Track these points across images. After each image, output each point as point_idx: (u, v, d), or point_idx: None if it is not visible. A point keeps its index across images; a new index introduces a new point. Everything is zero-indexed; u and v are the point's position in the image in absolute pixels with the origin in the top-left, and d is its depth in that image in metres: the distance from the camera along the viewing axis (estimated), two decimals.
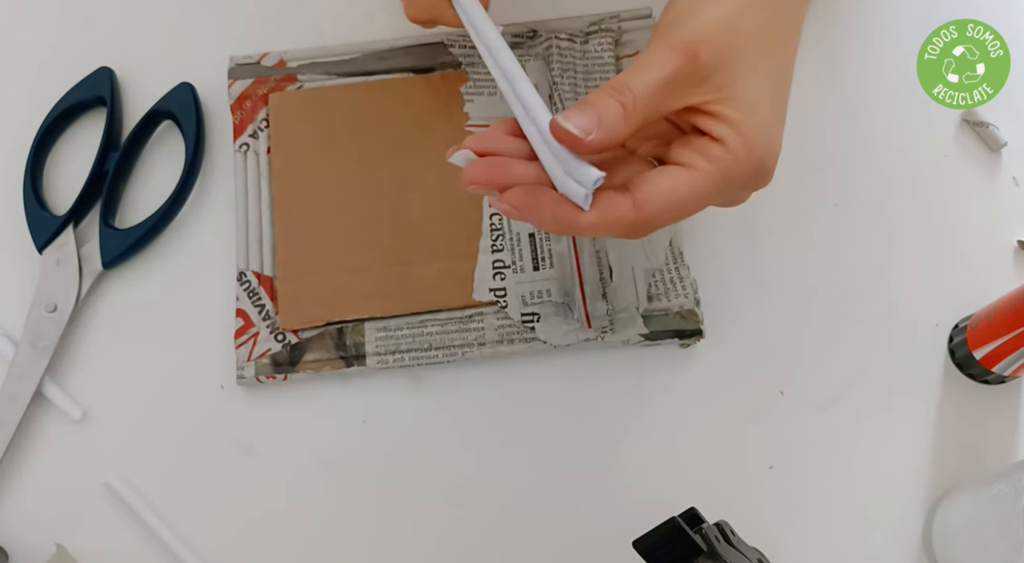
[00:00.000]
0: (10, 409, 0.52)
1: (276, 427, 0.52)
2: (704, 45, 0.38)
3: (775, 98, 0.40)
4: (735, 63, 0.39)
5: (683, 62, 0.38)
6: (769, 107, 0.39)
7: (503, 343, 0.52)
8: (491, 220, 0.54)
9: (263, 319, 0.53)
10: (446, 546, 0.50)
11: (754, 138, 0.38)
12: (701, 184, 0.38)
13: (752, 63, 0.39)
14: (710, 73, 0.38)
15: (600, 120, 0.37)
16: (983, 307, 0.51)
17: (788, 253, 0.54)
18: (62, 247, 0.54)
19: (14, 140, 0.56)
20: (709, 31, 0.38)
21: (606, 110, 0.38)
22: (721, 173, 0.38)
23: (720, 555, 0.41)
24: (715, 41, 0.38)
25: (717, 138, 0.39)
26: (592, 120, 0.37)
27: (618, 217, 0.38)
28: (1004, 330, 0.48)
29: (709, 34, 0.38)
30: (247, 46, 0.58)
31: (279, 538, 0.51)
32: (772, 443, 0.52)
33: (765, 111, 0.39)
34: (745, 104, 0.39)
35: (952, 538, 0.48)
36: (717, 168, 0.38)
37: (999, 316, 0.49)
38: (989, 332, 0.49)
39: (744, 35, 0.39)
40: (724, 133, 0.38)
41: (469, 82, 0.56)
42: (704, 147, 0.39)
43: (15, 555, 0.50)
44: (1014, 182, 0.56)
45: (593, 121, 0.37)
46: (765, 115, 0.39)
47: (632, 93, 0.38)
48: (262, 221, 0.54)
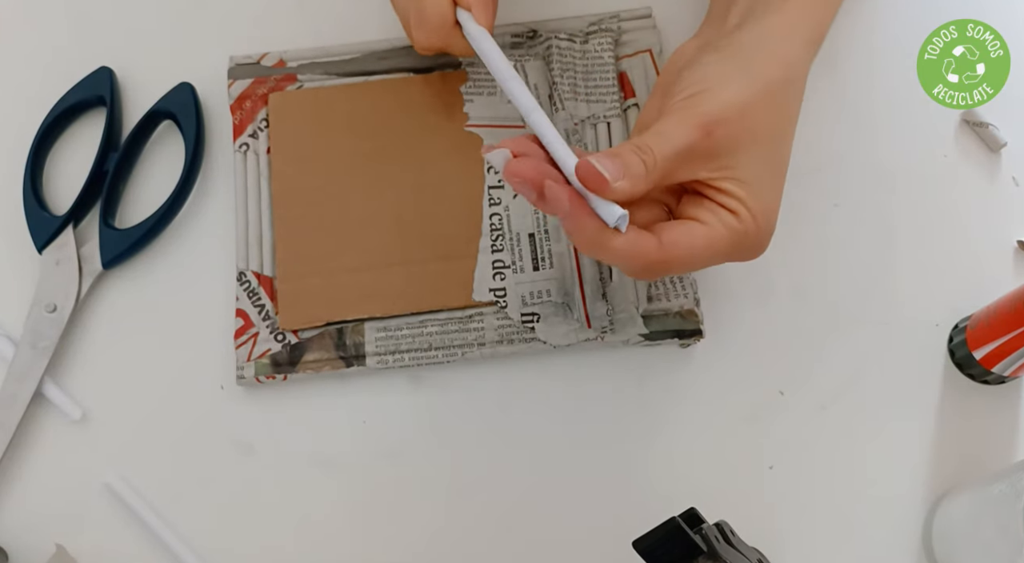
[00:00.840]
0: (10, 409, 0.52)
1: (276, 427, 0.52)
2: (720, 126, 0.42)
3: (774, 183, 0.44)
4: (745, 147, 0.42)
5: (699, 138, 0.41)
6: (770, 190, 0.43)
7: (503, 343, 0.52)
8: (491, 220, 0.54)
9: (263, 319, 0.53)
10: (446, 546, 0.50)
11: (760, 216, 0.42)
12: (717, 243, 0.42)
13: (758, 149, 0.43)
14: (720, 152, 0.42)
15: (627, 171, 0.40)
16: (983, 307, 0.51)
17: (788, 253, 0.54)
18: (62, 247, 0.54)
19: (14, 140, 0.56)
20: (727, 114, 0.42)
21: (632, 164, 0.41)
22: (735, 239, 0.42)
23: (720, 555, 0.41)
24: (731, 124, 0.42)
25: (731, 210, 0.42)
26: (620, 169, 0.40)
27: (644, 250, 0.41)
28: (1004, 330, 0.48)
29: (726, 117, 0.42)
30: (247, 46, 0.58)
31: (279, 538, 0.51)
32: (772, 443, 0.52)
33: (767, 194, 0.43)
34: (749, 186, 0.42)
35: (952, 538, 0.48)
36: (731, 234, 0.42)
37: (999, 316, 0.49)
38: (989, 332, 0.49)
39: (754, 122, 0.43)
40: (736, 207, 0.42)
41: (469, 82, 0.56)
42: (716, 211, 0.42)
43: (15, 555, 0.50)
44: (1014, 182, 0.56)
45: (621, 170, 0.40)
46: (768, 198, 0.43)
47: (653, 155, 0.41)
48: (262, 221, 0.54)
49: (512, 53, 0.57)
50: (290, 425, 0.52)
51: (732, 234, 0.42)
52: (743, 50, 0.45)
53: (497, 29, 0.57)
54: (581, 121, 0.55)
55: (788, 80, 0.44)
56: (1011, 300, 0.48)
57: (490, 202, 0.54)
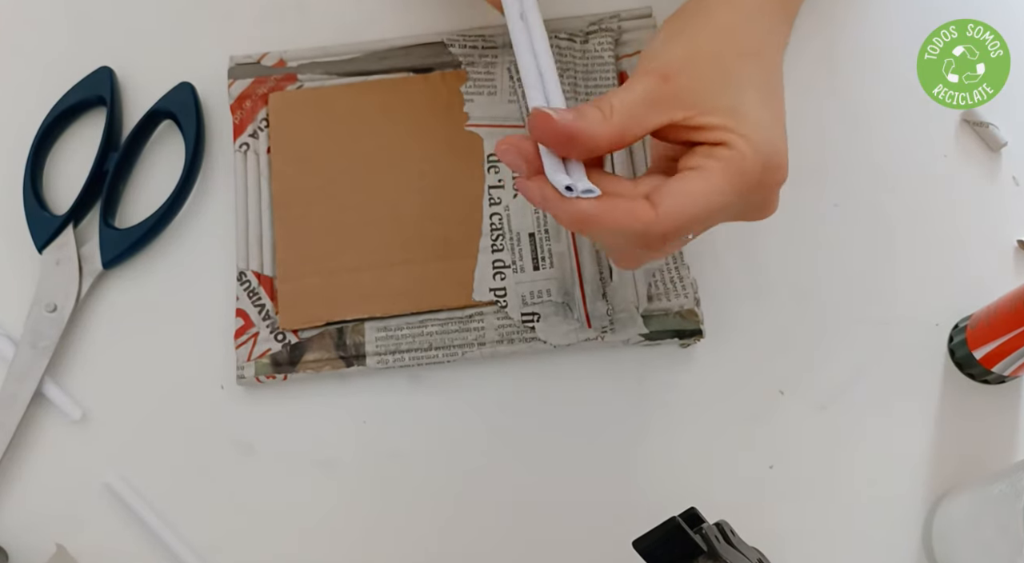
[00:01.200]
0: (10, 409, 0.52)
1: (276, 427, 0.52)
2: (674, 68, 0.41)
3: (765, 100, 0.42)
4: (715, 81, 0.41)
5: (656, 83, 0.41)
6: (759, 109, 0.41)
7: (503, 343, 0.52)
8: (491, 220, 0.54)
9: (263, 319, 0.53)
10: (446, 546, 0.50)
11: (752, 133, 0.40)
12: (712, 179, 0.40)
13: (732, 79, 0.41)
14: (687, 92, 0.41)
15: (580, 115, 0.39)
16: (983, 307, 0.51)
17: (788, 253, 0.54)
18: (62, 247, 0.54)
19: (14, 140, 0.56)
20: (677, 56, 0.42)
21: (588, 110, 0.40)
22: (730, 167, 0.40)
23: (720, 555, 0.41)
24: (687, 65, 0.41)
25: (719, 142, 0.40)
26: (572, 113, 0.39)
27: (632, 209, 0.39)
28: (1004, 330, 0.48)
29: (677, 59, 0.41)
30: (247, 46, 0.58)
31: (279, 538, 0.51)
32: (772, 443, 0.52)
33: (756, 113, 0.41)
34: (732, 110, 0.40)
35: (952, 538, 0.48)
36: (726, 164, 0.40)
37: (999, 316, 0.49)
38: (989, 332, 0.49)
39: (714, 58, 0.42)
40: (721, 136, 0.40)
41: (469, 82, 0.56)
42: (710, 150, 0.40)
43: (15, 555, 0.50)
44: (1014, 182, 0.56)
45: (572, 113, 0.39)
46: (758, 115, 0.41)
47: (610, 103, 0.40)
48: (262, 221, 0.54)
49: (512, 53, 0.56)
50: (290, 425, 0.52)
51: (728, 166, 0.40)
52: (686, 13, 0.44)
53: (497, 29, 0.57)
54: None
55: (745, 17, 0.43)
56: (1011, 300, 0.48)
57: (490, 202, 0.54)
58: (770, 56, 0.43)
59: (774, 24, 0.44)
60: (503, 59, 0.57)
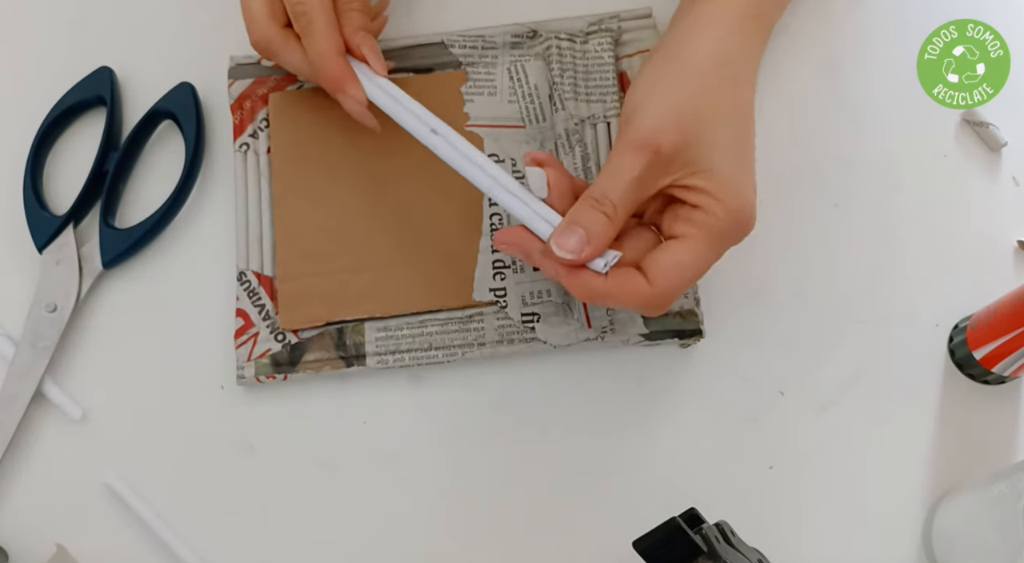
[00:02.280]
0: (10, 409, 0.52)
1: (276, 427, 0.52)
2: (663, 136, 0.44)
3: (738, 154, 0.45)
4: (695, 141, 0.44)
5: (648, 158, 0.44)
6: (733, 164, 0.44)
7: (503, 343, 0.52)
8: (491, 220, 0.54)
9: (263, 319, 0.53)
10: (446, 546, 0.50)
11: (726, 195, 0.44)
12: (697, 249, 0.44)
13: (710, 134, 0.44)
14: (674, 158, 0.44)
15: (589, 236, 0.43)
16: (983, 307, 0.51)
17: (788, 253, 0.54)
18: (62, 247, 0.54)
19: (14, 140, 0.56)
20: (664, 124, 0.44)
21: (592, 224, 0.43)
22: (710, 234, 0.44)
23: (720, 555, 0.41)
24: (671, 130, 0.44)
25: (695, 205, 0.44)
26: (582, 239, 0.43)
27: (634, 289, 0.44)
28: (1004, 330, 0.48)
29: (664, 126, 0.44)
30: (247, 46, 0.58)
31: (279, 538, 0.51)
32: (772, 443, 0.52)
33: (730, 170, 0.44)
34: (710, 171, 0.44)
35: (952, 538, 0.48)
36: (705, 231, 0.44)
37: (999, 316, 0.49)
38: (989, 332, 0.49)
39: (696, 116, 0.44)
40: (699, 200, 0.44)
41: (469, 82, 0.56)
42: (689, 215, 0.44)
43: (15, 555, 0.50)
44: (1014, 182, 0.56)
45: (583, 239, 0.43)
46: (731, 173, 0.44)
47: (611, 201, 0.44)
48: (262, 221, 0.54)
49: (512, 53, 0.57)
50: (290, 425, 0.52)
51: (706, 231, 0.44)
52: (669, 48, 0.46)
53: (497, 29, 0.57)
54: (581, 121, 0.55)
55: (721, 62, 0.45)
56: (1011, 300, 0.48)
57: (490, 202, 0.54)
58: (745, 102, 0.46)
59: (750, 55, 0.47)
60: (503, 59, 0.57)
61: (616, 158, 0.44)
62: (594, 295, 0.44)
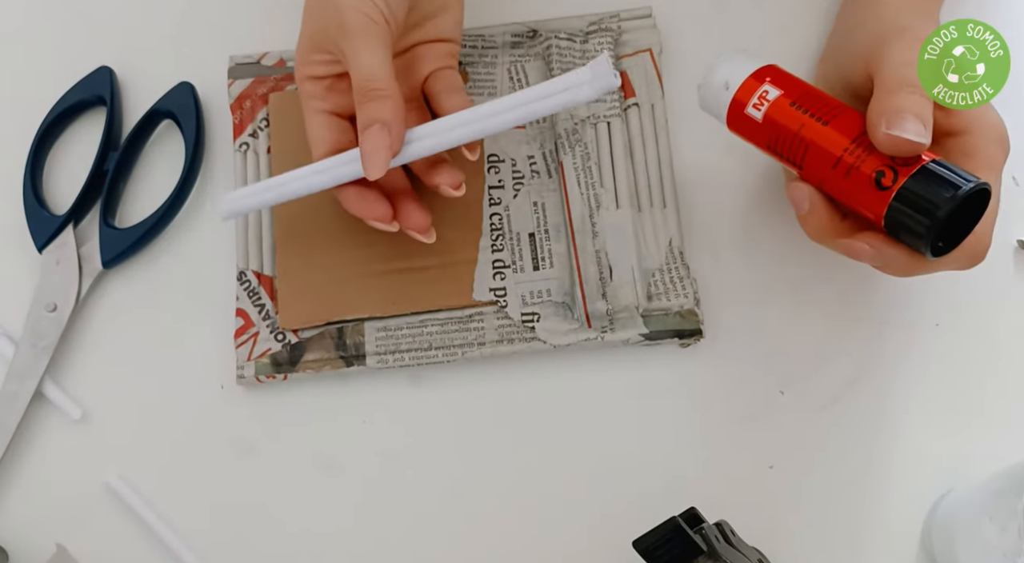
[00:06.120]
0: (10, 409, 0.52)
1: (276, 427, 0.52)
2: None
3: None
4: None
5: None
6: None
7: (503, 343, 0.52)
8: (491, 220, 0.54)
9: (263, 319, 0.53)
10: (446, 546, 0.51)
11: (979, 116, 0.46)
12: (989, 178, 0.45)
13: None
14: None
15: (926, 123, 0.43)
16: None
17: (788, 253, 0.54)
18: (62, 247, 0.54)
19: (14, 140, 0.56)
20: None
21: (925, 110, 0.43)
22: (989, 163, 0.46)
23: (720, 555, 0.41)
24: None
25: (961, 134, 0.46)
26: (920, 125, 0.43)
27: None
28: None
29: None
30: (247, 46, 0.58)
31: (279, 538, 0.51)
32: (772, 443, 0.52)
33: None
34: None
35: (952, 538, 0.48)
36: (984, 161, 0.46)
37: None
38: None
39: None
40: (965, 127, 0.46)
41: (469, 82, 0.56)
42: (962, 148, 0.46)
43: (15, 555, 0.50)
44: (1014, 182, 0.56)
45: (922, 125, 0.43)
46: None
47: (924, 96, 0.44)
48: (262, 221, 0.54)
49: (512, 53, 0.57)
50: (290, 425, 0.52)
51: (989, 162, 0.46)
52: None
53: (497, 29, 0.57)
54: (581, 121, 0.55)
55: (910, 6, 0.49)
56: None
57: (490, 202, 0.54)
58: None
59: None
60: (503, 59, 0.57)
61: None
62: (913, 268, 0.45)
